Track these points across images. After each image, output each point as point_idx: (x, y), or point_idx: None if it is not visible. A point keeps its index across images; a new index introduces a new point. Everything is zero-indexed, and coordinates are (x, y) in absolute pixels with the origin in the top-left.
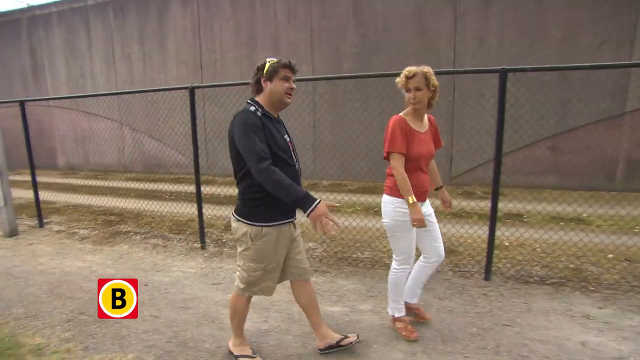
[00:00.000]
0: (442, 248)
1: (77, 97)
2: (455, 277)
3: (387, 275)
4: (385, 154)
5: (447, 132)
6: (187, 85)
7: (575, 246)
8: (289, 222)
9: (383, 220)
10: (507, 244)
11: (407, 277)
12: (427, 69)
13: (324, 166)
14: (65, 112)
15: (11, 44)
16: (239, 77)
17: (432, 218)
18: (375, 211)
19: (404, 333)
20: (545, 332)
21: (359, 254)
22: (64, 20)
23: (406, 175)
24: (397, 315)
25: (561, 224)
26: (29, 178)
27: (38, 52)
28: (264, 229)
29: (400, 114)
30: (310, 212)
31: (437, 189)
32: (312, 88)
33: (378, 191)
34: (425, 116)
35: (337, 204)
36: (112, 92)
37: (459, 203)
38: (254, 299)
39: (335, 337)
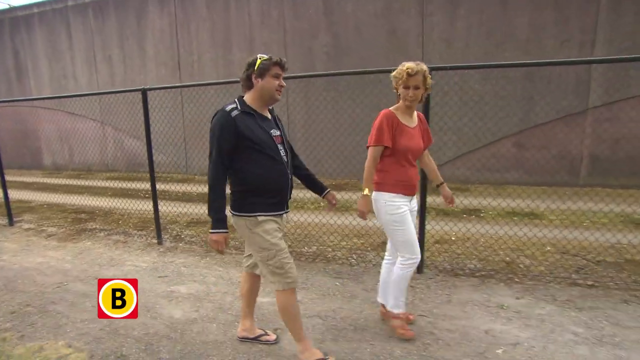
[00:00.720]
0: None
1: (34, 99)
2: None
3: (325, 268)
4: (367, 146)
5: None
6: (140, 88)
7: (520, 240)
8: (280, 214)
9: (378, 218)
10: (453, 238)
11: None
12: (425, 67)
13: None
14: (49, 112)
15: None
16: (216, 77)
17: (413, 216)
18: (338, 208)
19: (400, 331)
20: (457, 321)
21: (306, 248)
22: (46, 22)
23: (374, 168)
24: (395, 311)
25: (515, 218)
26: (9, 178)
27: (21, 53)
28: (259, 217)
29: (391, 108)
30: (212, 233)
31: (437, 186)
32: (285, 87)
33: (349, 187)
34: (415, 112)
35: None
36: (57, 95)
37: (433, 200)
38: (198, 288)
39: (256, 332)
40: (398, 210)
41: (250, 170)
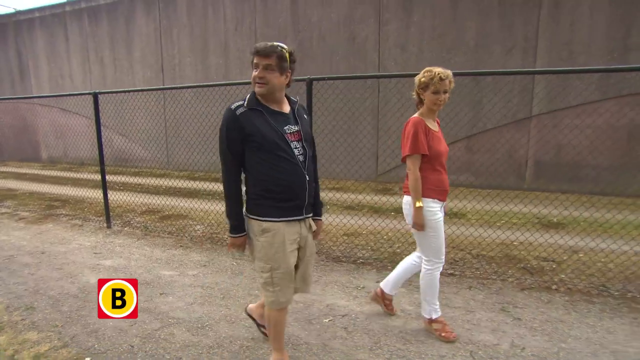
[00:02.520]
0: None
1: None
2: None
3: (221, 245)
4: (403, 157)
5: (373, 131)
6: (91, 92)
7: None
8: (295, 220)
9: (408, 222)
10: (365, 232)
11: (439, 273)
12: (450, 72)
13: None
14: (46, 109)
15: (0, 46)
16: (194, 80)
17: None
18: None
19: (443, 334)
20: (309, 297)
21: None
22: (46, 25)
23: (420, 177)
24: (434, 316)
25: None
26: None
27: (23, 54)
28: (264, 224)
29: (416, 114)
30: (232, 237)
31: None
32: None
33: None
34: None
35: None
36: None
37: (371, 198)
38: (120, 262)
39: (263, 320)
40: (434, 216)
41: (258, 171)
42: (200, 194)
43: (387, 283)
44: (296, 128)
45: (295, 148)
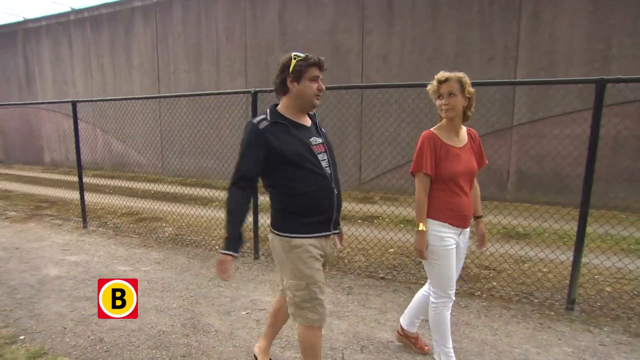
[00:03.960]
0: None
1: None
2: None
3: (182, 246)
4: (411, 173)
5: (356, 140)
6: (70, 100)
7: (380, 242)
8: (322, 236)
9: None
10: None
11: (449, 312)
12: (461, 74)
13: None
14: (50, 114)
15: (9, 53)
16: (188, 87)
17: (465, 249)
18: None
19: None
20: (239, 292)
21: (193, 237)
22: (52, 33)
23: (425, 199)
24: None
25: (401, 225)
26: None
27: (30, 60)
28: (293, 241)
29: (432, 128)
30: (220, 254)
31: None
32: (245, 99)
33: None
34: (464, 129)
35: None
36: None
37: (352, 207)
38: (84, 258)
39: (266, 358)
40: (441, 242)
41: (286, 187)
42: (183, 198)
43: (404, 318)
44: (320, 140)
45: (323, 160)
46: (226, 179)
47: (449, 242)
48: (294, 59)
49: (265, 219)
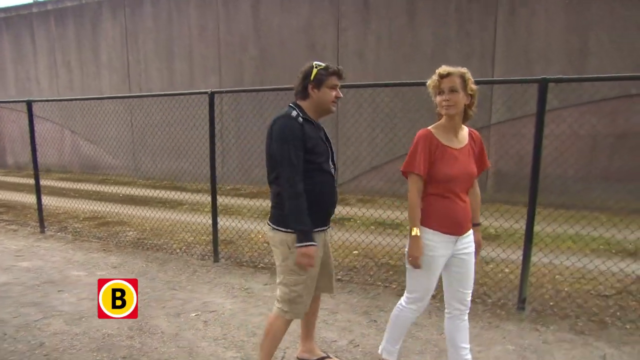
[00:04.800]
0: (469, 295)
1: None
2: (193, 259)
3: (142, 250)
4: (402, 173)
5: (332, 140)
6: (25, 99)
7: (344, 244)
8: (324, 230)
9: (406, 250)
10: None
11: (414, 319)
12: (464, 69)
13: (229, 170)
14: (13, 113)
15: None
16: (160, 86)
17: (469, 256)
18: (224, 211)
19: None
20: (194, 294)
21: (155, 240)
22: (12, 27)
23: (418, 201)
24: (384, 357)
25: (372, 227)
26: None
27: None
28: None
29: (430, 127)
30: (301, 247)
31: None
32: (219, 99)
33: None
34: (465, 130)
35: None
36: None
37: None
38: (36, 264)
39: (317, 353)
40: (429, 251)
41: (306, 182)
42: (152, 201)
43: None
44: (328, 143)
45: (331, 161)
46: (198, 182)
47: (437, 252)
48: (316, 67)
49: (224, 221)
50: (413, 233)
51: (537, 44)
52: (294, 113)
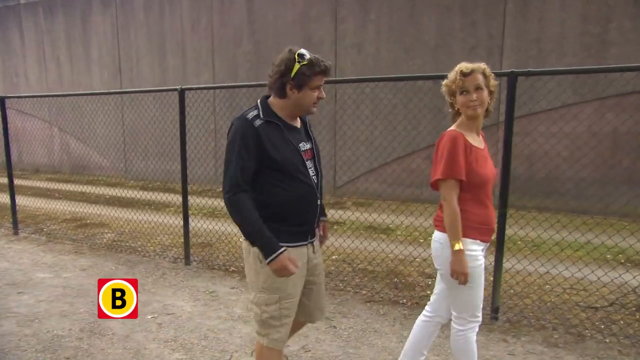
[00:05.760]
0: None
1: None
2: (165, 261)
3: (116, 252)
4: (433, 181)
5: (330, 142)
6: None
7: (324, 248)
8: (304, 244)
9: (437, 267)
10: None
11: (475, 334)
12: (483, 65)
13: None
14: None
15: None
16: (152, 82)
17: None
18: (211, 213)
19: None
20: (156, 297)
21: (132, 243)
22: None
23: (458, 210)
24: None
25: (361, 232)
26: None
27: None
28: None
29: (453, 127)
30: (271, 261)
31: None
32: (212, 95)
33: None
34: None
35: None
36: None
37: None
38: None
39: None
40: (475, 262)
41: (270, 193)
42: (138, 203)
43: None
44: (309, 145)
45: (310, 168)
46: (191, 184)
47: (480, 260)
48: (298, 62)
49: (196, 223)
50: (457, 247)
51: (550, 34)
52: (252, 113)
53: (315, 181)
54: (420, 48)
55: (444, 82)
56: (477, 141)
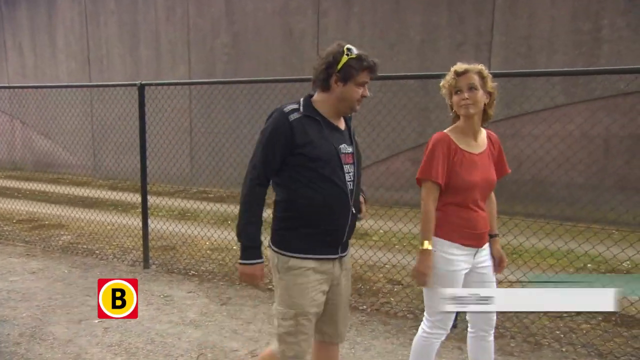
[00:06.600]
0: (494, 314)
1: None
2: (123, 265)
3: (71, 255)
4: (416, 180)
5: None
6: None
7: None
8: (330, 258)
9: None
10: (234, 247)
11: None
12: (481, 66)
13: (199, 171)
14: None
15: None
16: (124, 75)
17: (488, 270)
18: (181, 215)
19: None
20: None
21: (90, 245)
22: None
23: (433, 211)
24: None
25: None
26: None
27: None
28: (291, 261)
29: (446, 130)
30: (244, 265)
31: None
32: (188, 90)
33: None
34: (484, 132)
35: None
36: None
37: None
38: None
39: None
40: (450, 266)
41: (296, 192)
42: (103, 204)
43: None
44: (350, 149)
45: (348, 173)
46: (164, 183)
47: (460, 266)
48: (347, 55)
49: (162, 225)
50: (424, 247)
51: (540, 30)
52: (291, 107)
53: (351, 188)
54: (405, 44)
55: (441, 83)
56: (471, 145)
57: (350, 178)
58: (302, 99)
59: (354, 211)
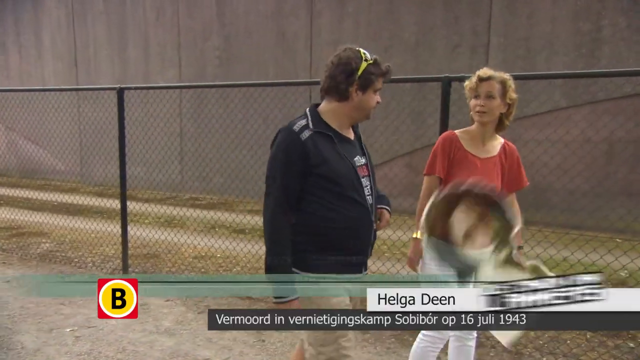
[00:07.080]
0: None
1: None
2: (102, 273)
3: (49, 263)
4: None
5: None
6: None
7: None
8: (348, 280)
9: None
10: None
11: (436, 354)
12: (507, 75)
13: (190, 177)
14: None
15: None
16: (111, 76)
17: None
18: (168, 222)
19: None
20: (79, 310)
21: (71, 253)
22: None
23: (426, 204)
24: None
25: None
26: None
27: None
28: None
29: (458, 130)
30: (280, 302)
31: None
32: (178, 94)
33: (236, 205)
34: (499, 140)
35: None
36: None
37: None
38: None
39: None
40: (436, 262)
41: (318, 216)
42: (88, 211)
43: None
44: (364, 160)
45: (365, 187)
46: (153, 190)
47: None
48: (365, 61)
49: (141, 232)
50: (415, 235)
51: (540, 31)
52: (300, 123)
53: (370, 202)
54: (399, 46)
55: (465, 83)
56: (478, 149)
57: (368, 192)
58: (308, 112)
59: (375, 227)
